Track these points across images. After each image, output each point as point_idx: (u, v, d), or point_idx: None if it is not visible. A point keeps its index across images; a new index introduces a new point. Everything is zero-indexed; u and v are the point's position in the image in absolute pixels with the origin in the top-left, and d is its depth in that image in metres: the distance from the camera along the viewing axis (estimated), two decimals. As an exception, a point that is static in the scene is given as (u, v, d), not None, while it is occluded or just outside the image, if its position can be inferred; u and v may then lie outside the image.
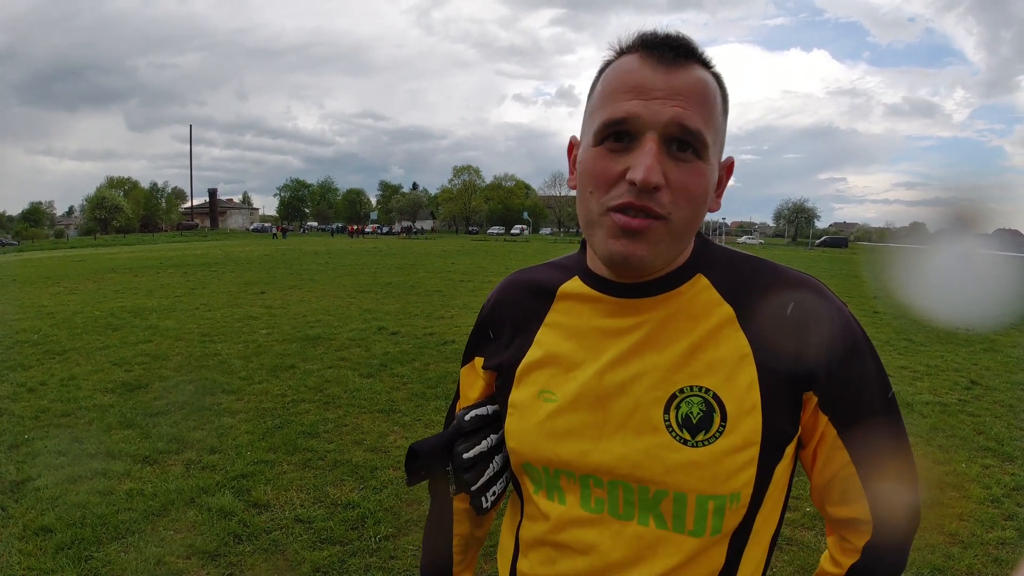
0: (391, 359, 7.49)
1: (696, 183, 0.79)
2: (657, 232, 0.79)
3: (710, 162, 0.80)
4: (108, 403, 5.75)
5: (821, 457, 0.87)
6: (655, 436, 0.82)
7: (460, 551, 1.10)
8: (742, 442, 0.80)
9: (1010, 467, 4.53)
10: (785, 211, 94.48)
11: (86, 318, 10.34)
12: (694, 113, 0.77)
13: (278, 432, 5.01)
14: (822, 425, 0.84)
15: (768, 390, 0.81)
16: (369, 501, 3.85)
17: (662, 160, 0.77)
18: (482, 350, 1.05)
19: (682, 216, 0.79)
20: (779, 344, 0.82)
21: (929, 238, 1.12)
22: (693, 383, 0.82)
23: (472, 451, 0.95)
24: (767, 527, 0.88)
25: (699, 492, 0.80)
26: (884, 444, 0.85)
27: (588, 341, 0.89)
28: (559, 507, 0.89)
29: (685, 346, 0.84)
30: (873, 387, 0.85)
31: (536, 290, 0.98)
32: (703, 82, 0.79)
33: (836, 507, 0.89)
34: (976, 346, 8.88)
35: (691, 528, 0.82)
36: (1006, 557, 3.32)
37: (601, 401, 0.86)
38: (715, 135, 0.81)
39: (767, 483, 0.83)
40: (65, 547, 3.28)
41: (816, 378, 0.82)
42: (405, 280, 17.19)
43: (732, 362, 0.82)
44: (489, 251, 35.43)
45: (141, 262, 24.20)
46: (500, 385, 0.99)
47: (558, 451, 0.87)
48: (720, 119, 0.82)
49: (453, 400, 1.14)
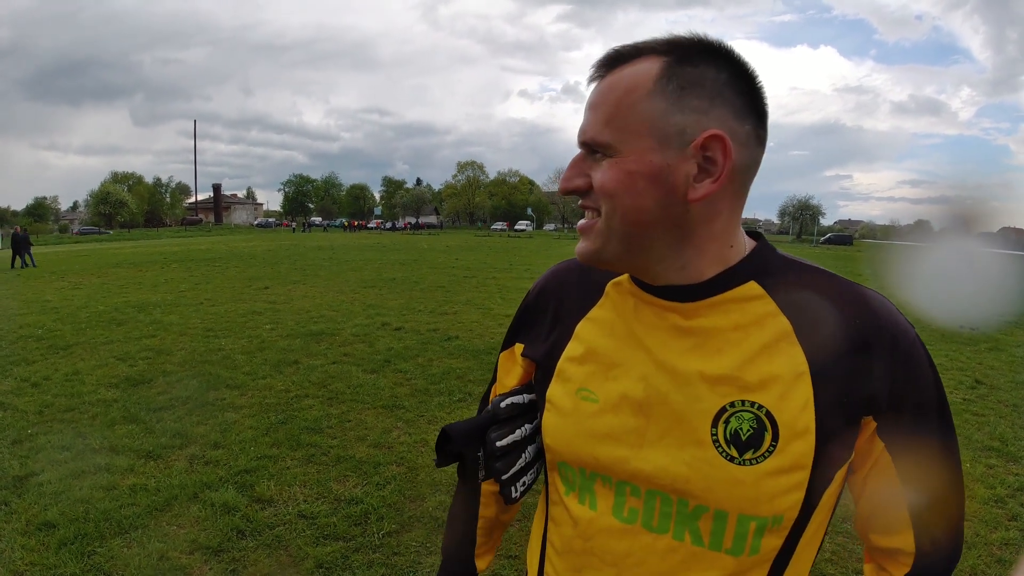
0: (395, 355, 7.49)
1: (609, 178, 0.78)
2: (594, 228, 0.81)
3: (625, 154, 0.77)
4: (112, 398, 5.77)
5: (871, 485, 0.83)
6: (700, 449, 0.79)
7: (484, 534, 1.10)
8: (791, 464, 0.76)
9: (1014, 467, 4.51)
10: (790, 208, 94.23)
11: (90, 313, 10.37)
12: (593, 121, 0.79)
13: (281, 428, 5.01)
14: (877, 451, 0.81)
15: (824, 412, 0.77)
16: (372, 497, 3.85)
17: (585, 165, 0.81)
18: (523, 336, 1.02)
19: (607, 209, 0.79)
20: (839, 363, 0.77)
21: (933, 236, 1.11)
22: (745, 397, 0.78)
23: (505, 439, 0.94)
24: (809, 550, 0.84)
25: (741, 512, 0.77)
26: (937, 476, 0.82)
27: (633, 341, 0.86)
28: (589, 512, 0.86)
29: (737, 357, 0.79)
30: (934, 416, 0.81)
31: (586, 281, 0.95)
32: (605, 86, 0.80)
33: (880, 536, 0.86)
34: (981, 345, 8.85)
35: (729, 547, 0.79)
36: (1010, 558, 3.30)
37: (644, 407, 0.82)
38: (623, 127, 0.77)
39: (814, 507, 0.79)
40: (68, 542, 3.28)
41: (878, 403, 0.78)
42: (409, 276, 17.18)
43: (787, 379, 0.78)
44: (493, 247, 35.41)
45: (145, 257, 24.25)
46: (539, 377, 0.97)
47: (596, 453, 0.84)
48: (643, 106, 0.76)
49: (489, 384, 1.11)
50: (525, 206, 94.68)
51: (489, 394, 1.10)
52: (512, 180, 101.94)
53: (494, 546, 1.13)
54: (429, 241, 42.12)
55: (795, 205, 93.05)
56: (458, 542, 1.09)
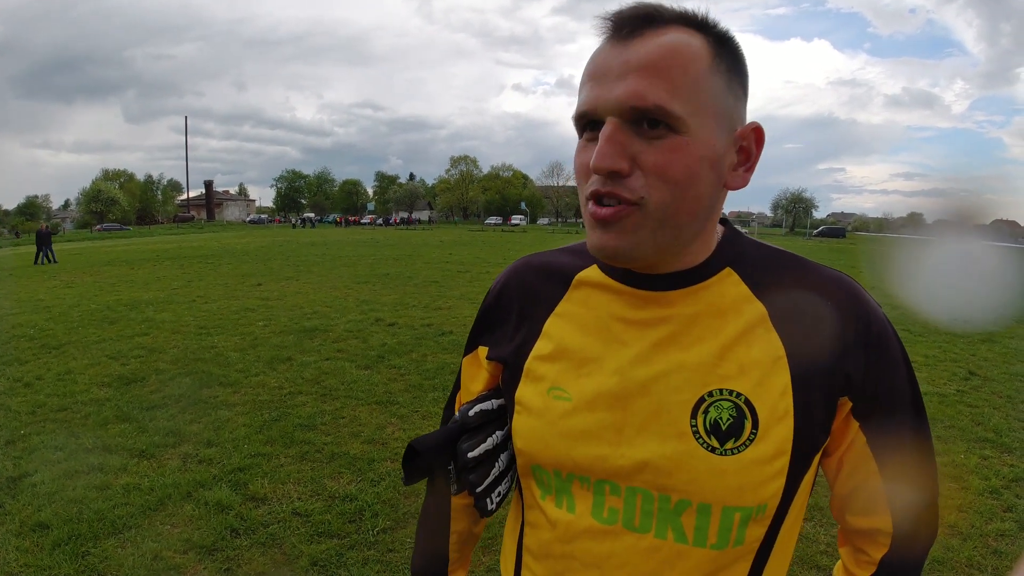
0: (388, 350, 7.47)
1: (672, 160, 0.71)
2: (630, 219, 0.73)
3: (694, 134, 0.71)
4: (104, 397, 5.74)
5: (848, 466, 0.82)
6: (680, 442, 0.77)
7: (456, 549, 1.04)
8: (773, 451, 0.75)
9: (1009, 458, 4.53)
10: (783, 201, 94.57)
11: (82, 311, 10.32)
12: (650, 83, 0.70)
13: (275, 425, 4.99)
14: (852, 432, 0.80)
15: (801, 395, 0.76)
16: (367, 494, 3.84)
17: (627, 142, 0.71)
18: (486, 339, 0.97)
19: (659, 198, 0.72)
20: (814, 346, 0.77)
21: (927, 229, 1.10)
22: (723, 386, 0.77)
23: (477, 449, 0.89)
24: (790, 537, 0.83)
25: (725, 503, 0.75)
26: (911, 454, 0.82)
27: (605, 335, 0.83)
28: (567, 515, 0.83)
29: (714, 345, 0.78)
30: (906, 395, 0.81)
31: (550, 275, 0.91)
32: (663, 47, 0.71)
33: (857, 517, 0.85)
34: (974, 337, 8.87)
35: (714, 542, 0.77)
36: (1005, 549, 3.31)
37: (621, 401, 0.80)
38: (693, 101, 0.71)
39: (794, 493, 0.78)
40: (62, 543, 3.27)
41: (852, 383, 0.77)
42: (402, 271, 17.15)
43: (765, 365, 0.77)
44: (487, 241, 35.38)
45: (137, 255, 24.15)
46: (506, 379, 0.92)
47: (572, 454, 0.81)
48: (705, 81, 0.73)
49: (452, 392, 1.06)
50: (519, 200, 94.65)
51: (454, 402, 1.05)
52: (505, 175, 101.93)
53: (467, 561, 1.09)
54: (422, 236, 42.08)
55: (788, 198, 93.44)
56: (429, 559, 1.05)
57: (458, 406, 1.03)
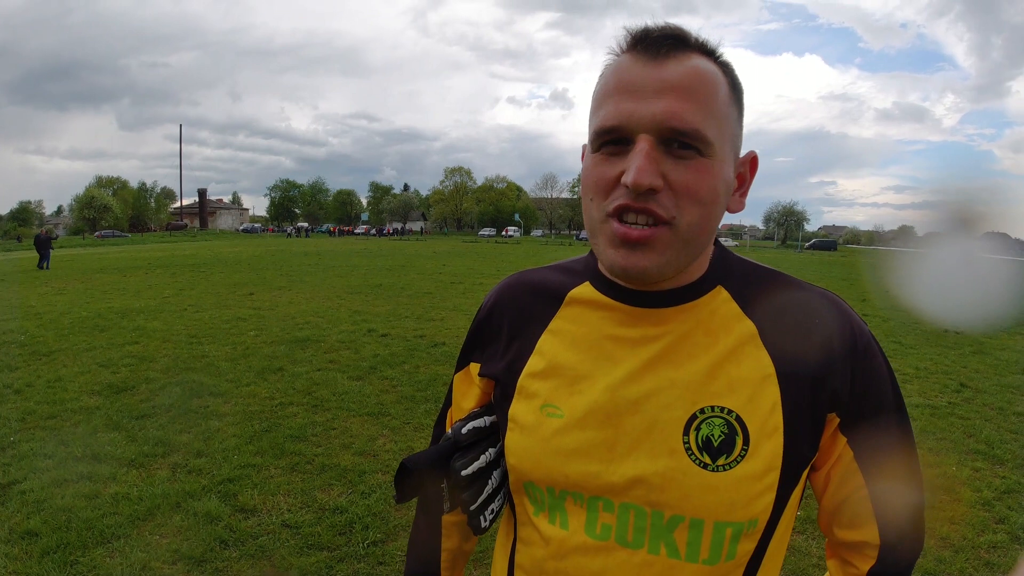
0: (381, 361, 7.45)
1: (701, 182, 0.73)
2: (662, 239, 0.74)
3: (718, 158, 0.74)
4: (94, 405, 5.70)
5: (835, 480, 0.83)
6: (672, 459, 0.77)
7: (448, 567, 1.03)
8: (764, 467, 0.76)
9: (1000, 470, 4.54)
10: (775, 214, 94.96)
11: (73, 319, 10.24)
12: (688, 107, 0.71)
13: (265, 436, 4.96)
14: (840, 447, 0.82)
15: (791, 412, 0.78)
16: (357, 506, 3.81)
17: (659, 160, 0.72)
18: (478, 355, 0.97)
19: (689, 219, 0.74)
20: (802, 363, 0.78)
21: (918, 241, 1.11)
22: (715, 403, 0.78)
23: (471, 468, 0.89)
24: (779, 550, 0.84)
25: (717, 519, 0.76)
26: (897, 468, 0.83)
27: (598, 352, 0.84)
28: (560, 532, 0.83)
29: (706, 363, 0.79)
30: (892, 410, 0.82)
31: (542, 293, 0.92)
32: (697, 72, 0.73)
33: (844, 530, 0.86)
34: (966, 349, 8.93)
35: (705, 557, 0.78)
36: (997, 561, 3.31)
37: (613, 418, 0.80)
38: (719, 128, 0.74)
39: (783, 507, 0.80)
40: (51, 551, 3.24)
41: (840, 399, 0.79)
42: (395, 282, 17.13)
43: (755, 382, 0.78)
44: (480, 253, 35.36)
45: (129, 262, 24.04)
46: (498, 396, 0.92)
47: (565, 471, 0.81)
48: (727, 110, 0.76)
49: (443, 408, 1.06)
50: (512, 212, 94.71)
51: (444, 418, 1.05)
52: (499, 186, 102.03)
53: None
54: (416, 247, 42.05)
55: (780, 211, 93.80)
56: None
57: (449, 422, 1.03)
